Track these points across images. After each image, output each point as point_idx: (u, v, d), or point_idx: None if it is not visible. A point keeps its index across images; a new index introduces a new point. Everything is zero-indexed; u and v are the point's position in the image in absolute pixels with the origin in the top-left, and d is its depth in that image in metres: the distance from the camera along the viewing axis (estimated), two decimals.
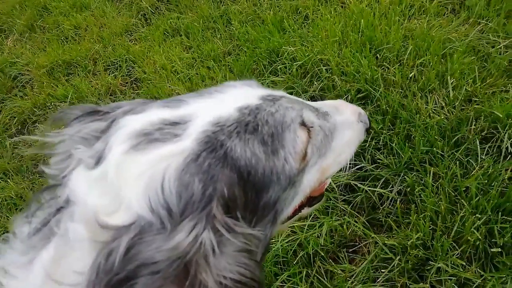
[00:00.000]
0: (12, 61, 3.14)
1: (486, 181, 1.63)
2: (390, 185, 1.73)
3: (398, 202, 1.66)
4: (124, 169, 0.53)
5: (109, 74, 2.81)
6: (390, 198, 1.71)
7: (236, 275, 0.52)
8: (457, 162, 1.72)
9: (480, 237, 1.45)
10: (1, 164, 2.37)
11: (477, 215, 1.52)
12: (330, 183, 1.79)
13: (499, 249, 1.42)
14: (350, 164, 0.85)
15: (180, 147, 0.55)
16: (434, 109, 1.93)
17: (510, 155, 1.73)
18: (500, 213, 1.52)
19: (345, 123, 0.82)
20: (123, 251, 0.47)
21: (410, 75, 2.05)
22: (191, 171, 0.53)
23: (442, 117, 1.86)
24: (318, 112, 0.77)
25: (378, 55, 2.19)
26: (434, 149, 1.75)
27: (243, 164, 0.58)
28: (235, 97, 0.66)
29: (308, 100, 1.10)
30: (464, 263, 1.43)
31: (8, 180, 2.27)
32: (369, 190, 1.71)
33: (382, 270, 1.50)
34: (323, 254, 1.63)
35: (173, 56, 2.73)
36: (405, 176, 1.72)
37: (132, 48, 2.92)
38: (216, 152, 0.56)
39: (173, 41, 2.89)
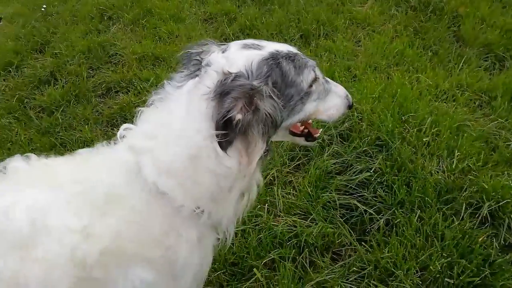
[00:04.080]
0: (113, 42, 3.87)
1: (461, 236, 1.97)
2: (381, 213, 2.10)
3: (381, 228, 2.02)
4: (238, 54, 1.12)
5: None
6: (379, 226, 2.08)
7: (272, 113, 1.06)
8: (442, 214, 2.08)
9: (441, 270, 1.79)
10: (85, 112, 2.97)
11: (443, 254, 1.86)
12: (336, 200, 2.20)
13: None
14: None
15: (261, 52, 1.13)
16: (436, 171, 2.31)
17: (488, 223, 2.07)
18: (465, 260, 1.85)
19: (337, 93, 1.36)
20: (232, 78, 1.03)
21: (425, 140, 2.46)
22: (264, 63, 1.11)
23: (440, 177, 2.24)
24: (323, 75, 1.31)
25: (403, 117, 2.63)
26: (427, 198, 2.12)
27: (284, 70, 1.14)
28: (286, 45, 1.23)
29: None
30: (420, 282, 1.77)
31: (86, 126, 2.84)
32: (363, 209, 2.09)
33: (355, 269, 1.85)
34: (311, 248, 2.00)
35: None
36: (395, 211, 2.09)
37: None
38: (275, 60, 1.13)
39: None
